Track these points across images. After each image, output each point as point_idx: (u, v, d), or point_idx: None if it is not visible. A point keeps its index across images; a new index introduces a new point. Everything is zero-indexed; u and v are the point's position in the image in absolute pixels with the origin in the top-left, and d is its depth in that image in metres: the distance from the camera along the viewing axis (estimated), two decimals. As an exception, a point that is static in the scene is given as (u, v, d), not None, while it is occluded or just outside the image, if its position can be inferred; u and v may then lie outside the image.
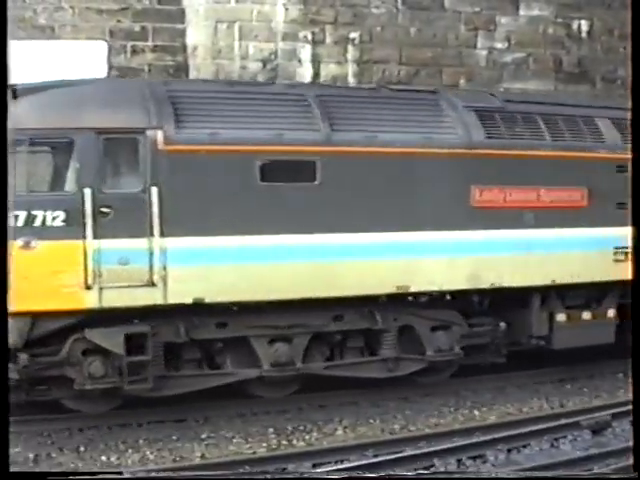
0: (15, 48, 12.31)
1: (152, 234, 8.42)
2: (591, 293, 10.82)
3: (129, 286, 8.38)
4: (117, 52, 14.14)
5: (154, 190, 8.40)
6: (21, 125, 7.97)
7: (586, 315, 10.69)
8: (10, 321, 7.76)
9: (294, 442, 8.69)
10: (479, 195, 9.77)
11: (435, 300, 9.95)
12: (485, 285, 9.90)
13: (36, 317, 8.26)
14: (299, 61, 14.62)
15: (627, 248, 10.47)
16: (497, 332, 10.21)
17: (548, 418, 8.93)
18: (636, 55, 5.04)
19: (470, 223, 9.73)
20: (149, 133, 8.44)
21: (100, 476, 6.84)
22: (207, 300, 8.67)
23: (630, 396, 6.26)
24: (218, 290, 8.72)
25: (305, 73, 14.64)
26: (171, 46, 14.49)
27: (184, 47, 14.51)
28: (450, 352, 10.03)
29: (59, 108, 8.49)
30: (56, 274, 8.20)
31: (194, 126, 8.66)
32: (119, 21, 14.17)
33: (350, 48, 14.76)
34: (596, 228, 10.47)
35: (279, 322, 9.25)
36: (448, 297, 9.95)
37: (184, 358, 9.08)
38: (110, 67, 13.94)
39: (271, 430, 8.98)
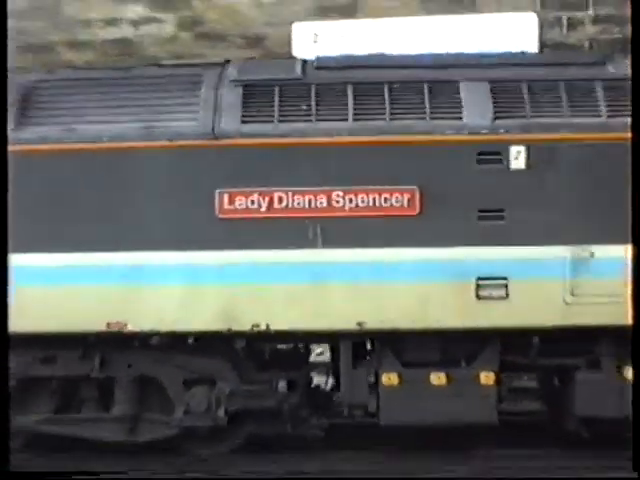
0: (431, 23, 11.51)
1: None
2: (454, 347, 7.29)
3: None
4: (550, 25, 11.73)
5: None
6: None
7: (436, 377, 7.17)
8: None
9: None
10: (228, 202, 7.03)
11: (196, 344, 7.38)
12: (244, 327, 7.05)
13: None
14: None
15: (504, 280, 6.96)
16: (279, 394, 7.31)
17: None
18: (636, 54, 5.14)
19: (216, 241, 7.05)
20: None
21: (102, 476, 6.73)
22: None
23: None
24: None
25: None
26: (617, 15, 11.27)
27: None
28: (208, 415, 7.39)
29: None
30: None
31: None
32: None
33: None
34: (439, 248, 6.98)
35: None
36: (190, 341, 7.28)
37: None
38: (542, 44, 11.54)
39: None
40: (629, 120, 6.49)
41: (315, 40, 10.98)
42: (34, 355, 7.39)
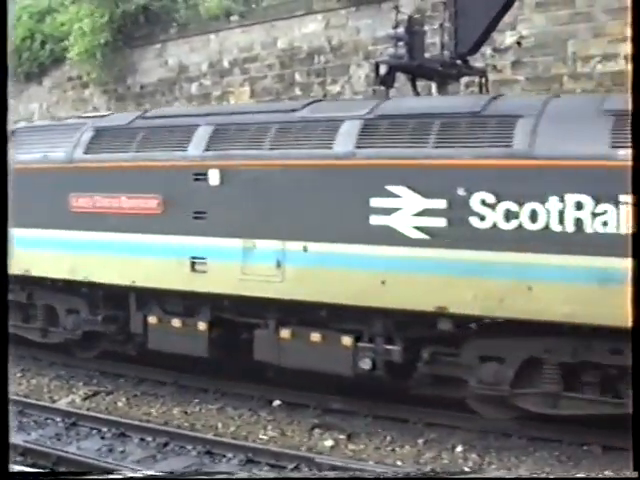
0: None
1: None
2: (188, 303, 11.01)
3: None
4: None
5: None
6: None
7: (175, 322, 10.91)
8: None
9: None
10: (75, 202, 11.51)
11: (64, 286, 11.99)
12: (80, 277, 11.50)
13: None
14: None
15: (204, 259, 10.50)
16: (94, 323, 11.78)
17: None
18: (636, 55, 4.85)
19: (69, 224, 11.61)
20: None
21: (101, 476, 6.52)
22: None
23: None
24: None
25: None
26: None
27: None
28: (73, 332, 11.94)
29: None
30: None
31: None
32: None
33: None
34: (167, 236, 10.78)
35: None
36: (60, 284, 11.88)
37: None
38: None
39: None
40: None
41: None
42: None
